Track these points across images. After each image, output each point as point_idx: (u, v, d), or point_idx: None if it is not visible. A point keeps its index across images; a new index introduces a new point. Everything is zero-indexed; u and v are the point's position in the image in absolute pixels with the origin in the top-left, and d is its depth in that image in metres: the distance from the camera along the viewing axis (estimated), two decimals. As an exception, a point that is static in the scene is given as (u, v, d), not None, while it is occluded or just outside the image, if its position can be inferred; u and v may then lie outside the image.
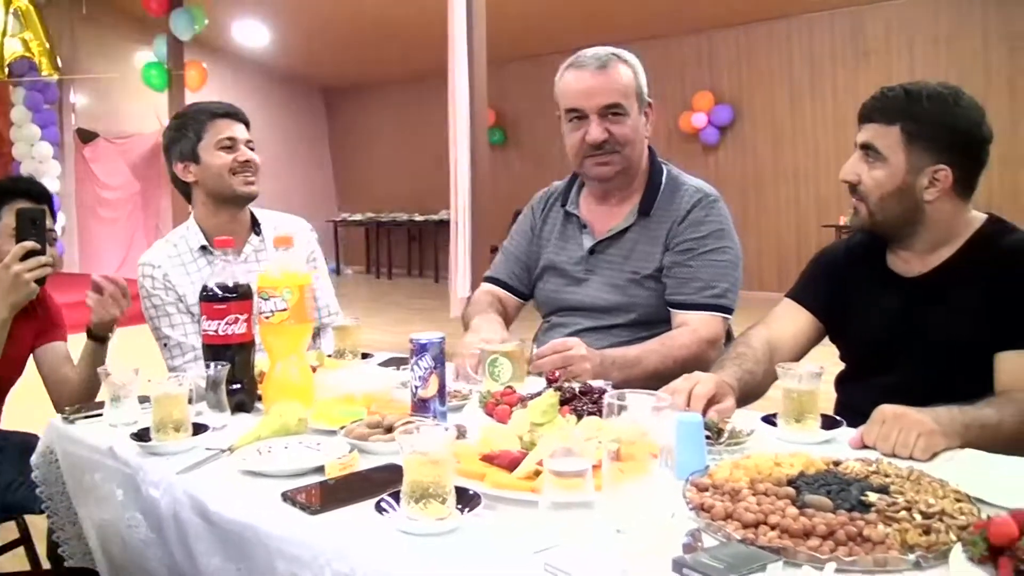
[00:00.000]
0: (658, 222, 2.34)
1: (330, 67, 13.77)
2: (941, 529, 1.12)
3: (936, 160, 1.82)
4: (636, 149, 2.34)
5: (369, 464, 1.48)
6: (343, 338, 2.38)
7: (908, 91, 1.85)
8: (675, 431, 1.31)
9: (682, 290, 2.27)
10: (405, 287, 12.99)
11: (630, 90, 2.30)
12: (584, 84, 2.28)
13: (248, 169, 2.50)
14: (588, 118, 2.28)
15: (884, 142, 1.85)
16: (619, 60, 2.31)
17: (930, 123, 1.82)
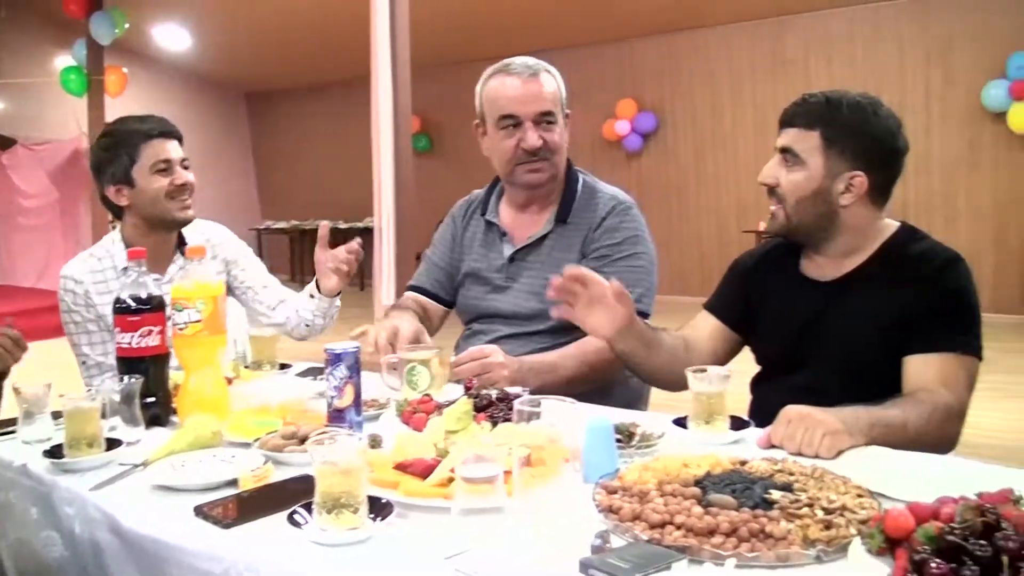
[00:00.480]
0: (574, 229, 2.37)
1: (253, 72, 13.58)
2: (842, 523, 1.16)
3: (853, 166, 1.89)
4: (563, 157, 2.39)
5: (284, 476, 1.47)
6: (260, 349, 2.36)
7: (829, 98, 1.91)
8: (585, 435, 1.33)
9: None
10: (330, 295, 12.83)
11: (557, 99, 2.34)
12: (518, 91, 2.30)
13: (184, 192, 2.45)
14: (523, 125, 2.30)
15: (803, 146, 1.90)
16: (545, 70, 2.35)
17: (849, 130, 1.88)
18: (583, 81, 11.11)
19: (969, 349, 1.82)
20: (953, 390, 1.75)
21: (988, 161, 8.90)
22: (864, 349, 1.88)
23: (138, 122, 2.47)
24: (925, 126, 9.08)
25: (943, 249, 1.92)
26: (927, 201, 9.10)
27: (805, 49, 9.89)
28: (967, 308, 1.86)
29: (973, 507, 1.03)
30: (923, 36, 9.15)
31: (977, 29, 8.79)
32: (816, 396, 1.67)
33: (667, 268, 10.64)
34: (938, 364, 1.79)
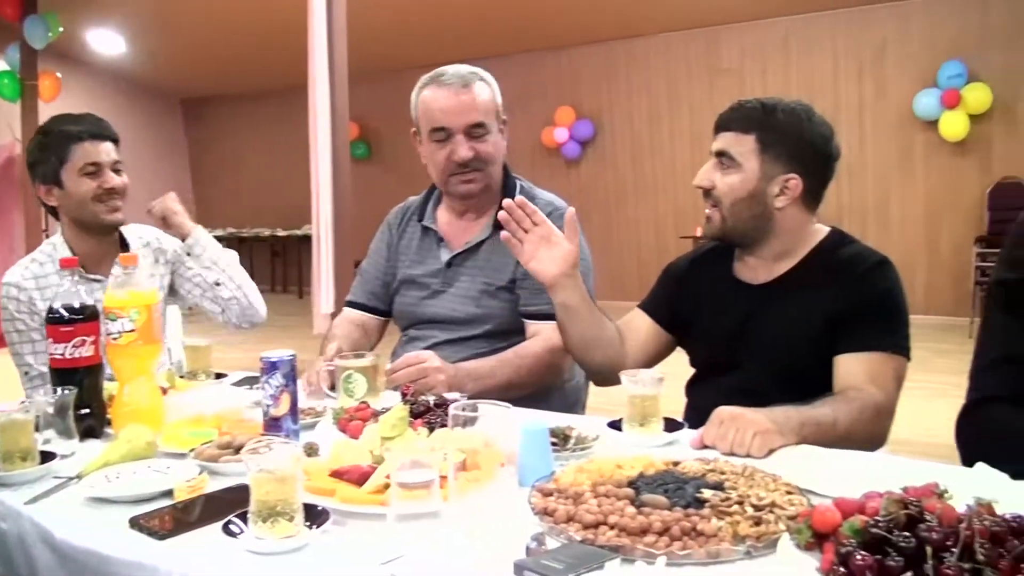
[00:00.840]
0: None
1: (189, 78, 13.35)
2: (771, 520, 1.19)
3: (787, 169, 1.94)
4: (497, 166, 2.39)
5: (220, 486, 1.46)
6: (195, 359, 2.34)
7: (764, 104, 1.96)
8: (520, 439, 1.35)
9: (534, 300, 2.31)
10: (268, 303, 12.38)
11: (491, 108, 2.34)
12: (449, 102, 2.30)
13: (113, 196, 2.43)
14: (454, 136, 2.30)
15: (739, 149, 1.94)
16: (479, 78, 2.34)
17: (783, 134, 1.93)
18: (522, 88, 11.17)
19: (897, 349, 1.86)
20: (882, 388, 1.80)
21: (920, 168, 9.13)
22: (795, 350, 1.92)
23: (72, 122, 2.44)
24: (859, 134, 9.30)
25: (871, 253, 1.97)
26: (861, 207, 9.33)
27: (740, 58, 10.05)
28: (895, 309, 1.91)
29: (897, 501, 1.06)
30: (856, 46, 9.36)
31: (909, 39, 9.03)
32: (750, 397, 1.70)
33: (606, 273, 10.79)
34: (867, 363, 1.83)
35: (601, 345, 2.09)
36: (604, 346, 2.09)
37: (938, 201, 9.06)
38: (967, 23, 8.70)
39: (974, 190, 8.83)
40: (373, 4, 7.97)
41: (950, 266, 8.99)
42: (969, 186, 8.86)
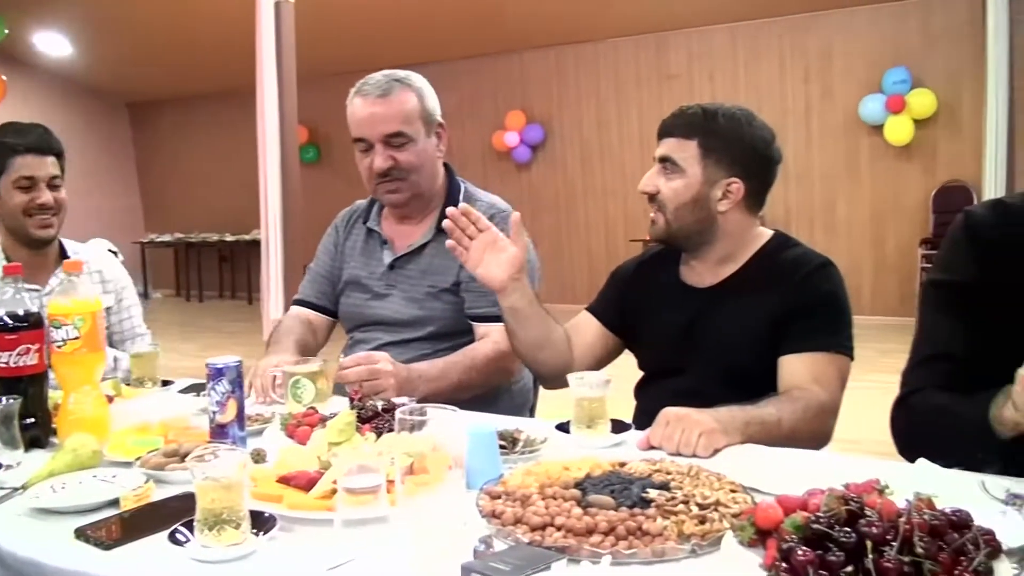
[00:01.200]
0: None
1: (136, 81, 13.15)
2: (715, 518, 1.21)
3: (729, 174, 1.96)
4: (425, 173, 2.37)
5: (167, 494, 1.44)
6: (141, 366, 2.31)
7: (705, 109, 1.99)
8: (468, 442, 1.35)
9: (480, 303, 2.32)
10: (217, 310, 12.58)
11: (413, 115, 2.31)
12: (366, 112, 2.29)
13: (44, 212, 2.42)
14: (373, 146, 2.30)
15: (682, 155, 1.97)
16: (402, 85, 2.32)
17: (725, 139, 1.96)
18: (472, 92, 11.20)
19: (840, 349, 1.90)
20: (825, 388, 1.83)
21: (866, 172, 9.30)
22: (740, 352, 1.95)
23: (16, 134, 2.43)
24: (805, 139, 9.46)
25: (814, 255, 2.00)
26: (808, 210, 9.49)
27: (688, 63, 10.16)
28: (837, 310, 1.94)
29: (838, 497, 1.07)
30: (802, 52, 9.52)
31: (854, 46, 9.20)
32: (696, 399, 1.72)
33: (556, 277, 10.85)
34: (811, 363, 1.86)
35: (549, 348, 2.10)
36: (552, 349, 2.11)
37: (884, 204, 9.24)
38: (910, 30, 8.89)
39: (919, 193, 9.03)
40: (322, 7, 7.93)
41: (896, 267, 9.17)
42: (914, 189, 9.05)
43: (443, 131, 2.42)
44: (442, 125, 2.41)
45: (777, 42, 9.65)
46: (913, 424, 1.65)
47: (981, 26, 5.57)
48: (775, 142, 2.02)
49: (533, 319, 2.05)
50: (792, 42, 9.56)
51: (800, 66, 9.54)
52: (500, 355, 2.25)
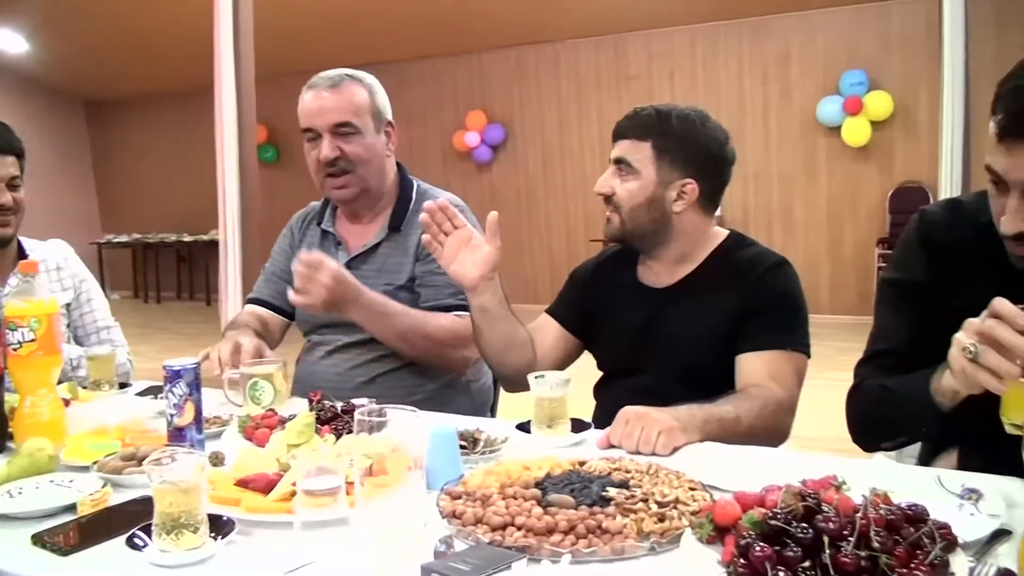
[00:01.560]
0: (407, 234, 2.38)
1: (94, 79, 12.94)
2: (675, 516, 1.22)
3: (684, 174, 1.98)
4: (373, 168, 2.35)
5: (125, 499, 1.42)
6: (98, 368, 2.27)
7: (659, 111, 2.00)
8: (428, 443, 1.35)
9: (437, 296, 2.31)
10: (175, 311, 12.45)
11: (363, 109, 2.31)
12: (315, 103, 2.30)
13: (4, 212, 2.39)
14: (321, 137, 2.29)
15: (636, 156, 1.98)
16: (353, 80, 2.33)
17: (678, 140, 1.97)
18: (433, 92, 11.18)
19: (797, 346, 1.92)
20: (783, 385, 1.85)
21: (824, 173, 9.41)
22: (698, 351, 1.96)
23: None
24: (764, 139, 9.56)
25: (770, 254, 2.02)
26: (767, 210, 9.58)
27: (648, 64, 10.22)
28: (794, 308, 1.96)
29: (795, 493, 1.08)
30: (761, 54, 9.61)
31: (812, 48, 9.31)
32: (655, 398, 1.73)
33: (518, 277, 10.84)
34: (768, 361, 1.88)
35: (515, 349, 2.10)
36: (518, 350, 2.11)
37: (841, 204, 9.36)
38: (868, 33, 9.02)
39: (876, 193, 9.15)
40: (282, 6, 7.87)
41: (853, 267, 9.29)
42: (871, 190, 9.18)
43: (393, 130, 2.41)
44: (392, 124, 2.40)
45: (736, 44, 9.74)
46: (863, 409, 1.70)
47: (937, 30, 5.65)
48: (729, 143, 2.04)
49: (502, 319, 2.05)
50: (751, 44, 9.65)
51: (758, 67, 9.63)
52: (454, 336, 2.24)
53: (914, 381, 1.52)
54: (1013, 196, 1.38)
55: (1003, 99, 1.35)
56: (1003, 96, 1.36)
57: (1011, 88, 1.35)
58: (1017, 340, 1.23)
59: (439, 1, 9.24)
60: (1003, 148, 1.36)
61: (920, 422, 1.52)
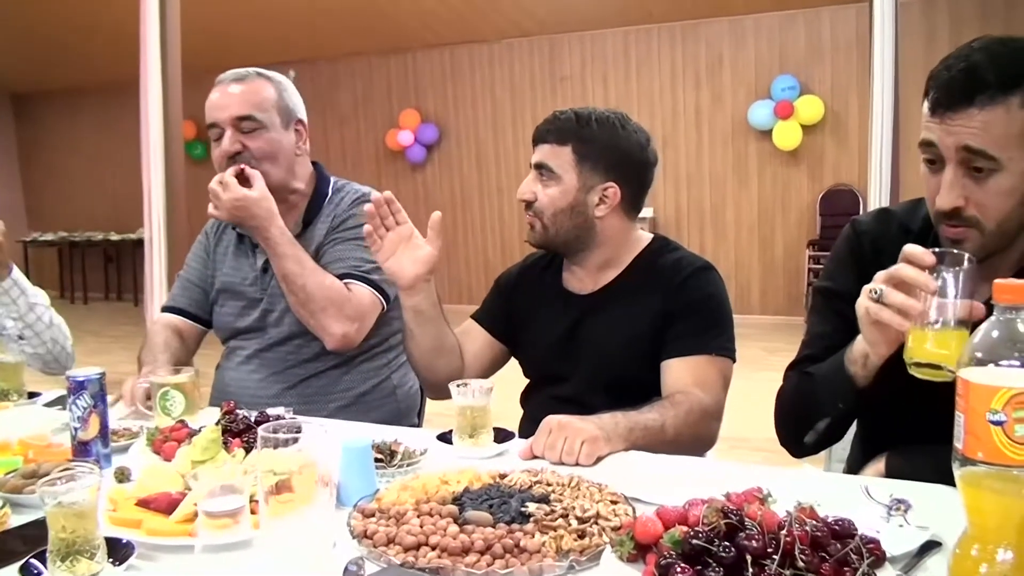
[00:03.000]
0: (319, 226, 2.33)
1: (20, 71, 12.51)
2: (595, 532, 1.18)
3: (605, 179, 1.95)
4: (279, 164, 2.27)
5: (26, 520, 1.33)
6: (6, 377, 2.17)
7: (578, 114, 1.97)
8: (341, 457, 1.29)
9: (332, 263, 2.25)
10: (102, 312, 12.12)
11: (269, 103, 2.25)
12: (217, 98, 2.25)
13: None
14: (225, 132, 2.23)
15: (557, 161, 1.95)
16: (260, 77, 2.28)
17: (598, 144, 1.95)
18: (364, 91, 11.08)
19: (722, 351, 1.91)
20: (708, 390, 1.83)
21: (755, 176, 9.51)
22: (622, 358, 1.94)
23: None
24: (696, 142, 9.64)
25: (693, 258, 2.01)
26: (699, 212, 9.67)
27: (582, 67, 10.23)
28: (718, 312, 1.95)
29: (717, 510, 1.06)
30: (693, 58, 9.67)
31: (743, 53, 9.41)
32: (580, 407, 1.72)
33: (452, 278, 10.81)
34: (692, 366, 1.87)
35: (445, 355, 2.05)
36: (447, 356, 2.06)
37: (772, 207, 9.48)
38: (799, 39, 9.15)
39: (806, 196, 9.29)
40: (208, 2, 7.72)
41: (784, 268, 9.42)
42: (801, 193, 9.31)
43: (304, 129, 2.35)
44: (303, 123, 2.34)
45: (668, 48, 9.80)
46: (786, 399, 1.70)
47: (867, 37, 5.74)
48: (651, 145, 2.02)
49: (433, 323, 2.00)
50: (683, 48, 9.71)
51: (691, 71, 9.70)
52: (331, 301, 2.16)
53: (831, 360, 1.55)
54: (948, 169, 1.40)
55: (934, 78, 1.41)
56: (933, 76, 1.41)
57: (940, 68, 1.40)
58: (921, 275, 1.27)
59: (369, -1, 9.14)
60: (936, 120, 1.39)
61: (835, 397, 1.53)
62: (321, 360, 2.27)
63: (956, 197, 1.40)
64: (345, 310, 2.16)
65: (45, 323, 2.39)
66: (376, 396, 2.32)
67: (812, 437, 1.60)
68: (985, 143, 1.34)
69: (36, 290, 2.42)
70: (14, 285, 2.33)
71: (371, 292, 2.21)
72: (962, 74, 1.36)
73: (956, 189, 1.40)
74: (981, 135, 1.34)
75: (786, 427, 1.70)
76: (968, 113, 1.35)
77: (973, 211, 1.40)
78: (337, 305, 2.15)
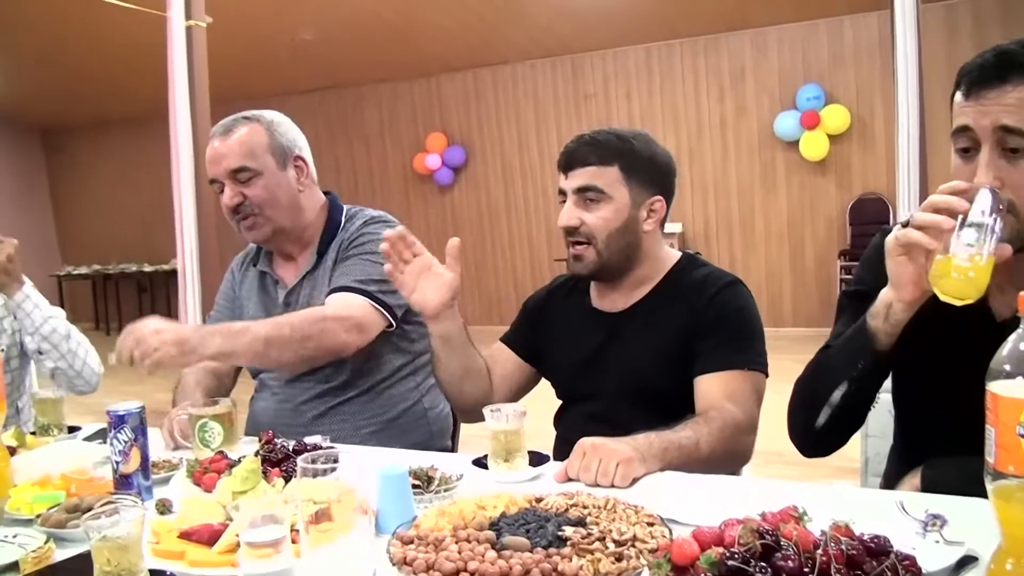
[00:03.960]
0: (331, 255, 2.34)
1: (49, 106, 12.74)
2: (632, 555, 1.18)
3: (652, 192, 1.98)
4: (282, 207, 2.29)
5: (71, 553, 1.35)
6: (45, 412, 2.20)
7: (616, 133, 1.99)
8: (379, 485, 1.31)
9: (339, 280, 2.24)
10: (138, 342, 12.24)
11: (260, 149, 2.25)
12: (211, 154, 2.27)
13: None
14: (225, 185, 2.26)
15: (605, 181, 1.95)
16: (248, 122, 2.28)
17: (642, 158, 1.97)
18: (390, 116, 11.15)
19: (754, 365, 1.90)
20: (740, 405, 1.83)
21: (782, 186, 9.48)
22: (649, 374, 1.95)
23: None
24: (722, 154, 9.64)
25: (722, 273, 2.02)
26: (727, 224, 9.65)
27: (605, 84, 10.26)
28: (748, 327, 1.95)
29: (753, 530, 1.06)
30: (716, 71, 9.69)
31: (767, 64, 9.41)
32: (613, 426, 1.71)
33: (482, 298, 10.82)
34: (724, 382, 1.86)
35: (473, 378, 2.07)
36: (476, 379, 2.08)
37: (801, 217, 9.44)
38: (822, 48, 9.12)
39: (835, 206, 9.24)
40: (235, 31, 7.82)
41: (815, 279, 9.36)
42: (830, 202, 9.27)
43: (305, 164, 2.35)
44: (301, 158, 2.34)
45: (691, 62, 9.82)
46: (798, 382, 1.68)
47: (890, 42, 5.72)
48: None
49: (460, 348, 2.02)
50: (706, 61, 9.73)
51: (715, 84, 9.71)
52: (324, 316, 2.14)
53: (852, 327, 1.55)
54: (984, 150, 1.39)
55: (964, 69, 1.43)
56: (963, 68, 1.43)
57: (970, 61, 1.42)
58: (952, 198, 1.31)
59: (393, 24, 9.22)
60: (970, 103, 1.39)
61: (854, 356, 1.52)
62: (349, 388, 2.28)
63: (993, 178, 1.38)
64: (336, 325, 2.13)
65: (62, 334, 2.44)
66: (407, 420, 2.33)
67: (825, 415, 1.56)
68: (1021, 120, 1.35)
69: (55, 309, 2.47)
70: (27, 299, 2.39)
71: (367, 303, 2.18)
72: (994, 58, 1.37)
73: (992, 170, 1.38)
74: (1016, 112, 1.35)
75: (799, 409, 1.66)
76: (1002, 90, 1.35)
77: (1009, 194, 1.38)
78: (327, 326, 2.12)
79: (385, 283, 2.12)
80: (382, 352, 2.31)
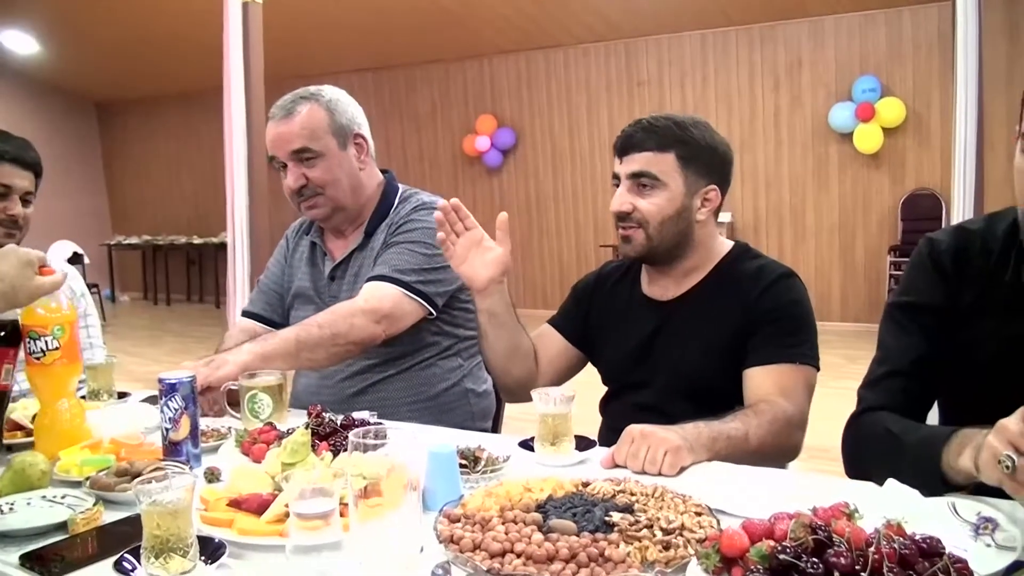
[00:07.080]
0: (380, 236, 2.34)
1: (104, 81, 12.98)
2: (680, 544, 1.17)
3: (708, 181, 1.96)
4: (343, 187, 2.30)
5: (118, 517, 1.37)
6: (96, 377, 2.24)
7: (676, 120, 1.96)
8: (427, 462, 1.31)
9: (377, 268, 2.25)
10: (184, 313, 12.44)
11: (321, 130, 2.26)
12: (272, 134, 2.28)
13: (12, 225, 2.37)
14: (287, 166, 2.28)
15: (661, 168, 1.93)
16: (307, 101, 2.27)
17: (700, 147, 1.95)
18: (441, 97, 11.17)
19: (805, 359, 1.87)
20: (791, 399, 1.80)
21: (835, 179, 9.35)
22: (699, 365, 1.93)
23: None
24: (775, 145, 9.52)
25: (776, 265, 1.99)
26: (778, 216, 9.55)
27: (659, 70, 10.18)
28: (800, 320, 1.92)
29: (805, 525, 1.04)
30: (771, 60, 9.57)
31: (823, 55, 9.26)
32: (660, 414, 1.70)
33: (528, 282, 10.83)
34: (776, 375, 1.84)
35: (519, 357, 2.07)
36: (521, 359, 2.08)
37: (852, 211, 9.31)
38: (879, 39, 8.96)
39: (888, 200, 9.09)
40: (291, 8, 7.86)
41: (864, 274, 9.24)
42: (883, 196, 9.12)
43: (364, 141, 2.36)
44: (361, 135, 2.35)
45: (747, 50, 9.70)
46: (864, 446, 1.61)
47: (949, 36, 5.60)
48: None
49: (509, 326, 2.03)
50: (762, 50, 9.61)
51: (770, 74, 9.59)
52: (352, 311, 2.14)
53: (924, 441, 1.42)
54: None
55: None
56: None
57: None
58: None
59: (446, 5, 9.22)
60: None
61: (923, 483, 1.37)
62: (390, 364, 2.29)
63: None
64: (368, 319, 2.14)
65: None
66: (448, 399, 2.33)
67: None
68: None
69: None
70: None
71: (400, 292, 2.18)
72: None
73: None
74: None
75: (855, 467, 1.60)
76: None
77: None
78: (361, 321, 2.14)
79: (426, 272, 2.16)
80: (424, 334, 2.31)
